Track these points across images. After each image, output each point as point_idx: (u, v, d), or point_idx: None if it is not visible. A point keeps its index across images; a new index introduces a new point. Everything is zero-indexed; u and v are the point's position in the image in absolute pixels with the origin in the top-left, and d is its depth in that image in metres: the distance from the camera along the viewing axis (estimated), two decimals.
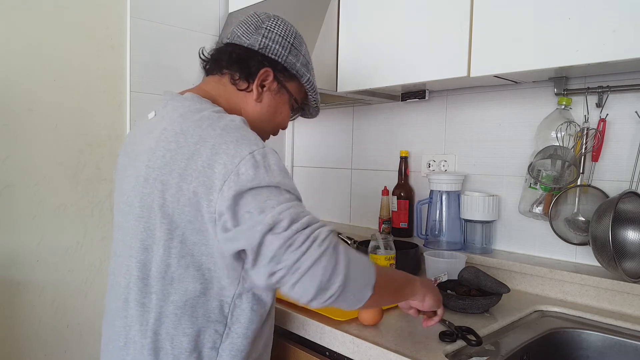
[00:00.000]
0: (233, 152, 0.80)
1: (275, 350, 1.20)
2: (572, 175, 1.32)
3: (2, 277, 1.47)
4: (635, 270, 1.19)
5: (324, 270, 0.74)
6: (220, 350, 0.87)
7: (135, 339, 0.88)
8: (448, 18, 1.29)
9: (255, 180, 0.78)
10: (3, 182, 1.46)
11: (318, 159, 2.15)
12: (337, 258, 0.76)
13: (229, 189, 0.78)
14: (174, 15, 1.79)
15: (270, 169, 0.81)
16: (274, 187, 0.80)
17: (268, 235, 0.75)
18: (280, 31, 1.00)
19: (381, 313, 1.05)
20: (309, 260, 0.74)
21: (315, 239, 0.76)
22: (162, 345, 0.86)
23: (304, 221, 0.77)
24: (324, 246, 0.75)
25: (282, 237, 0.75)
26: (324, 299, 0.77)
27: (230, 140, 0.82)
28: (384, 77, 1.47)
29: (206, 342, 0.87)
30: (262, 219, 0.76)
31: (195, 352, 0.86)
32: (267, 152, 0.83)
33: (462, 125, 1.63)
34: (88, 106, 1.62)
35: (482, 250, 1.50)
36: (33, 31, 1.49)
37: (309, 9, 1.61)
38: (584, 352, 1.13)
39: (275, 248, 0.75)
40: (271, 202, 0.78)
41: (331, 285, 0.75)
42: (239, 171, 0.79)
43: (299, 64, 1.01)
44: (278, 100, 1.03)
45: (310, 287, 0.75)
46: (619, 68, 1.21)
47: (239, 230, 0.78)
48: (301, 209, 0.80)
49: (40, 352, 1.54)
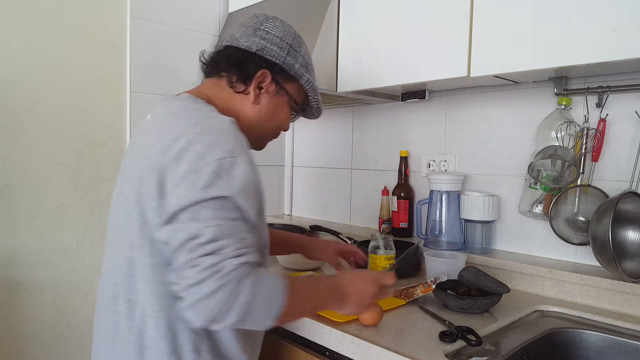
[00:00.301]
0: (202, 153, 0.81)
1: (275, 350, 1.20)
2: (572, 175, 1.32)
3: (2, 277, 1.47)
4: (635, 270, 1.19)
5: (218, 304, 0.74)
6: (202, 352, 0.86)
7: (123, 335, 0.88)
8: (448, 18, 1.29)
9: (209, 187, 0.79)
10: (3, 182, 1.46)
11: (318, 159, 2.15)
12: (238, 294, 0.75)
13: (184, 188, 0.79)
14: (174, 15, 1.79)
15: (231, 180, 0.81)
16: (224, 198, 0.80)
17: (185, 244, 0.77)
18: (278, 32, 0.99)
19: (381, 313, 1.05)
20: (204, 290, 0.74)
21: (219, 271, 0.74)
22: (146, 343, 0.86)
23: (219, 245, 0.76)
24: (224, 280, 0.74)
25: (190, 255, 0.75)
26: (218, 327, 0.78)
27: (206, 140, 0.83)
28: (384, 77, 1.47)
29: (185, 345, 0.86)
30: (186, 226, 0.77)
31: (173, 355, 0.85)
32: (236, 162, 0.82)
33: (462, 125, 1.63)
34: (88, 106, 1.62)
35: (482, 250, 1.50)
36: (33, 31, 1.49)
37: (309, 9, 1.61)
38: (584, 352, 1.13)
39: (182, 262, 0.76)
40: (208, 212, 0.78)
41: (226, 318, 0.75)
42: (199, 173, 0.79)
43: (297, 65, 1.00)
44: (276, 102, 1.02)
45: (201, 317, 0.75)
46: (619, 68, 1.21)
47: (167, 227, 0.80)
48: (232, 230, 0.78)
49: (40, 352, 1.54)
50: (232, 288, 0.74)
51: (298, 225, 1.98)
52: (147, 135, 0.92)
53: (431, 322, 1.09)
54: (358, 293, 0.95)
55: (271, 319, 0.79)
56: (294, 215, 2.25)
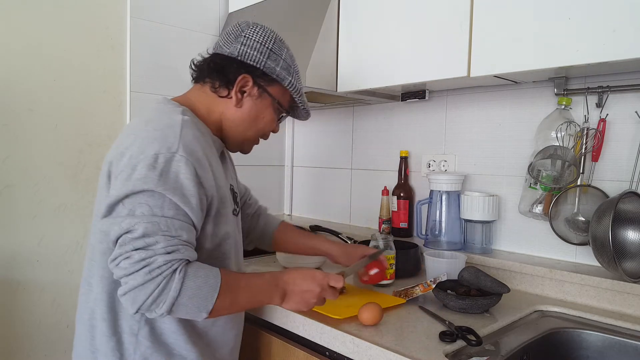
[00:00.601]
0: (142, 148, 0.87)
1: (275, 350, 1.20)
2: (572, 175, 1.32)
3: (2, 277, 1.47)
4: (635, 270, 1.19)
5: (146, 296, 0.80)
6: (140, 337, 0.92)
7: (82, 314, 0.98)
8: (448, 18, 1.29)
9: (142, 181, 0.84)
10: (3, 182, 1.46)
11: (318, 159, 2.15)
12: (167, 288, 0.81)
13: (120, 180, 0.85)
14: (174, 15, 1.79)
15: (167, 175, 0.85)
16: (158, 193, 0.84)
17: (119, 238, 0.83)
18: (258, 37, 1.02)
19: (381, 313, 1.05)
20: (134, 281, 0.80)
21: (148, 264, 0.81)
22: (95, 324, 0.94)
23: (150, 240, 0.82)
24: (153, 274, 0.80)
25: (124, 248, 0.82)
26: (151, 316, 0.85)
27: (148, 136, 0.89)
28: (384, 77, 1.47)
29: (125, 328, 0.93)
30: (121, 221, 0.83)
31: (114, 337, 0.92)
32: (174, 158, 0.86)
33: (462, 125, 1.63)
34: (88, 106, 1.62)
35: (482, 250, 1.50)
36: (33, 31, 1.49)
37: (309, 9, 1.61)
38: (584, 352, 1.13)
39: (116, 254, 0.83)
40: (144, 208, 0.83)
41: (156, 309, 0.82)
42: (135, 167, 0.85)
43: (279, 68, 1.03)
44: (259, 105, 1.05)
45: (130, 305, 0.82)
46: (619, 68, 1.21)
47: (106, 220, 0.86)
48: (165, 227, 0.83)
49: (40, 352, 1.54)
50: (160, 282, 0.81)
51: (298, 225, 1.98)
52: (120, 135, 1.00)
53: (431, 322, 1.09)
54: (301, 292, 0.98)
55: (204, 312, 0.86)
56: (294, 215, 2.25)
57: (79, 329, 0.99)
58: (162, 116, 0.94)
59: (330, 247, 1.28)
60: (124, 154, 0.88)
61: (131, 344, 0.92)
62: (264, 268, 1.55)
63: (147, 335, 0.93)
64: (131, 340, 0.92)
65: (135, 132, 0.92)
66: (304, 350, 1.13)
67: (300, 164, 2.24)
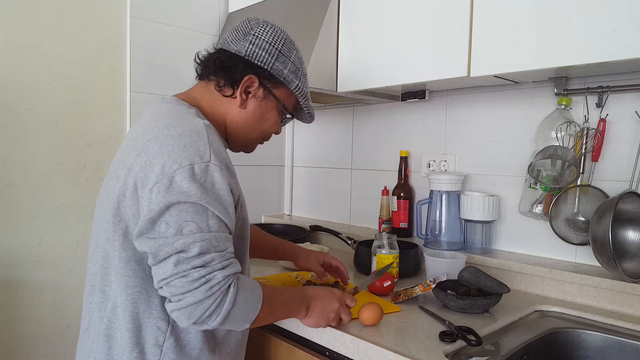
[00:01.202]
0: (175, 157, 0.83)
1: (275, 350, 1.20)
2: (572, 175, 1.32)
3: (2, 277, 1.47)
4: (635, 270, 1.19)
5: (203, 311, 0.81)
6: (165, 348, 0.89)
7: (95, 324, 0.93)
8: (448, 18, 1.29)
9: (185, 194, 0.81)
10: (3, 182, 1.46)
11: (318, 159, 2.15)
12: (223, 302, 0.82)
13: (158, 193, 0.82)
14: (174, 15, 1.79)
15: (206, 186, 0.83)
16: (202, 206, 0.83)
17: (172, 257, 0.80)
18: (268, 37, 0.99)
19: (381, 313, 1.05)
20: (193, 298, 0.80)
21: (208, 281, 0.80)
22: (114, 334, 0.91)
23: (207, 258, 0.81)
24: (213, 290, 0.81)
25: (180, 268, 0.80)
26: (199, 328, 0.87)
27: (179, 143, 0.85)
28: (384, 77, 1.47)
29: (148, 339, 0.89)
30: (173, 241, 0.80)
31: (137, 348, 0.89)
32: (209, 168, 0.85)
33: (462, 125, 1.63)
34: (88, 106, 1.62)
35: (482, 250, 1.50)
36: (33, 31, 1.49)
37: (309, 9, 1.61)
38: (584, 352, 1.13)
39: (170, 273, 0.80)
40: (191, 225, 0.82)
41: (209, 322, 0.82)
42: (173, 178, 0.82)
43: (286, 70, 1.00)
44: (264, 106, 1.03)
45: (186, 320, 0.82)
46: (619, 68, 1.21)
47: (150, 239, 0.82)
48: (216, 242, 0.83)
49: (40, 352, 1.54)
50: (218, 297, 0.81)
51: (298, 225, 1.98)
52: (129, 138, 0.96)
53: (431, 322, 1.09)
54: (324, 307, 1.02)
55: (248, 323, 0.88)
56: (294, 215, 2.25)
57: (90, 339, 0.94)
58: (182, 120, 0.90)
59: (292, 248, 1.34)
60: (153, 164, 0.84)
61: (155, 355, 0.89)
62: (263, 268, 1.55)
63: (172, 347, 0.90)
64: (155, 352, 0.89)
65: (158, 138, 0.87)
66: (304, 350, 1.13)
67: (300, 164, 2.24)
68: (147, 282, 0.88)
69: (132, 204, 0.87)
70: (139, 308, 0.88)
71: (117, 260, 0.89)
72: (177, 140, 0.85)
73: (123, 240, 0.88)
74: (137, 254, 0.88)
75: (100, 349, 0.91)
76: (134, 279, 0.88)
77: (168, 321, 0.89)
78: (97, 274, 0.93)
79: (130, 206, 0.87)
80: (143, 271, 0.88)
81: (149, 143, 0.87)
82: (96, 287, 0.94)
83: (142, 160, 0.86)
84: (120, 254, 0.88)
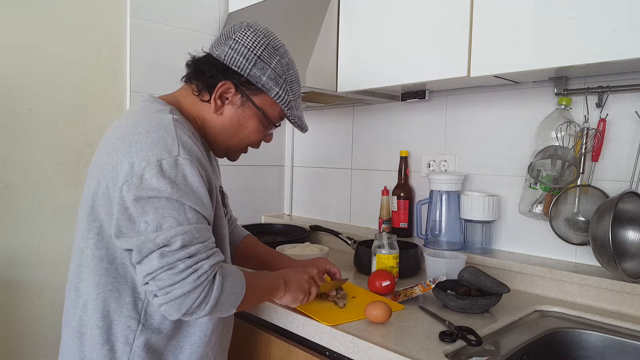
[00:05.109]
0: (143, 155, 0.84)
1: (275, 350, 1.20)
2: (572, 175, 1.32)
3: (2, 277, 1.47)
4: (635, 270, 1.19)
5: (193, 301, 0.82)
6: (135, 347, 0.90)
7: (68, 321, 0.96)
8: (448, 18, 1.29)
9: (155, 191, 0.82)
10: (3, 182, 1.46)
11: (318, 159, 2.15)
12: (211, 291, 0.83)
13: (128, 191, 0.82)
14: (174, 15, 1.79)
15: (177, 181, 0.84)
16: (177, 201, 0.83)
17: (156, 252, 0.81)
18: (247, 42, 0.96)
19: (390, 311, 1.04)
20: (181, 289, 0.81)
21: (196, 271, 0.82)
22: (85, 330, 0.92)
23: (192, 250, 0.82)
24: (201, 279, 0.82)
25: (165, 261, 0.81)
26: (188, 319, 0.89)
27: (146, 140, 0.85)
28: (384, 77, 1.47)
29: (119, 337, 0.90)
30: (154, 237, 0.81)
31: (107, 345, 0.90)
32: (179, 162, 0.84)
33: (462, 125, 1.63)
34: (88, 106, 1.62)
35: (482, 250, 1.50)
36: (33, 31, 1.49)
37: (309, 9, 1.61)
38: (584, 352, 1.13)
39: (155, 267, 0.81)
40: (170, 221, 0.82)
41: (198, 311, 0.84)
42: (142, 176, 0.82)
43: (265, 77, 0.96)
44: (242, 114, 1.00)
45: (176, 312, 0.82)
46: (619, 68, 1.21)
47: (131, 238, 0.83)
48: (197, 234, 0.84)
49: (40, 352, 1.54)
50: (206, 286, 0.83)
51: (298, 225, 1.98)
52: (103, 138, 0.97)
53: (431, 322, 1.09)
54: (298, 281, 1.07)
55: (234, 308, 0.90)
56: (294, 215, 2.25)
57: (66, 335, 0.96)
58: (150, 117, 0.90)
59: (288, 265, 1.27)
60: (123, 162, 0.84)
61: (125, 354, 0.90)
62: None
63: (142, 345, 0.91)
64: (125, 350, 0.90)
65: (126, 136, 0.87)
66: (304, 350, 1.13)
67: (300, 164, 2.24)
68: (119, 280, 0.90)
69: (105, 203, 0.88)
70: (109, 306, 0.90)
71: (90, 258, 0.91)
72: (144, 137, 0.86)
73: (97, 239, 0.90)
74: (110, 253, 0.89)
75: (73, 345, 0.93)
76: (105, 277, 0.89)
77: (139, 320, 0.91)
78: (73, 271, 0.95)
79: (104, 205, 0.88)
80: (115, 270, 0.90)
81: (118, 142, 0.88)
82: (72, 284, 0.96)
83: (113, 159, 0.87)
84: (94, 252, 0.90)
